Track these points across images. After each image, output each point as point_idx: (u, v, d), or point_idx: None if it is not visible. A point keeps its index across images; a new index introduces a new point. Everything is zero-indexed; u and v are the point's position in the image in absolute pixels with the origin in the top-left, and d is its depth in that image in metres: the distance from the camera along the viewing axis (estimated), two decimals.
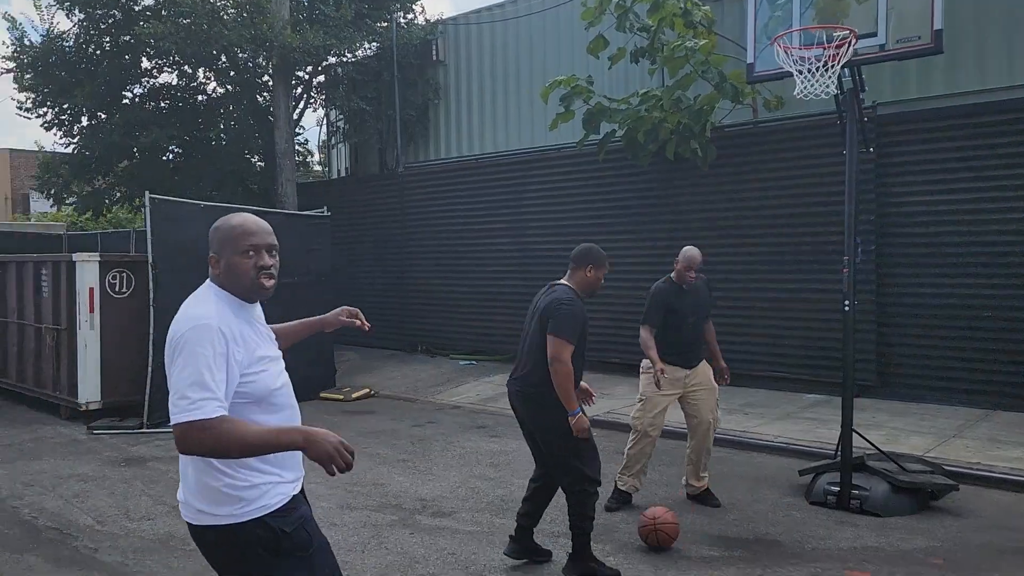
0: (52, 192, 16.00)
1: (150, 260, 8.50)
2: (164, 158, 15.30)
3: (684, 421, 5.71)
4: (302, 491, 2.47)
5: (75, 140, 15.05)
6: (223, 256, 2.36)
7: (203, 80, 15.42)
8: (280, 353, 2.50)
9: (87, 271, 8.72)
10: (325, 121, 16.42)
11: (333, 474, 2.15)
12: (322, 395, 10.21)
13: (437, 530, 5.15)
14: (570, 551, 4.35)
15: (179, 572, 4.50)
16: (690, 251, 5.54)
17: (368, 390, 10.49)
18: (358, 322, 2.86)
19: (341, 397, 10.13)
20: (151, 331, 8.45)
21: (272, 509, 2.26)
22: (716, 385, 5.66)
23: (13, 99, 14.92)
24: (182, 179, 14.88)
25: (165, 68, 14.94)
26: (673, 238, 9.68)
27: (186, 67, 14.78)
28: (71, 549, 4.87)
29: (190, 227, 8.83)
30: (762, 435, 7.40)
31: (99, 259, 8.89)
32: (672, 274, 5.59)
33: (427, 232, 13.12)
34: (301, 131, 17.52)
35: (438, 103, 14.21)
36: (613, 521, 5.21)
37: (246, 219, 2.40)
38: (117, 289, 8.91)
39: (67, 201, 16.78)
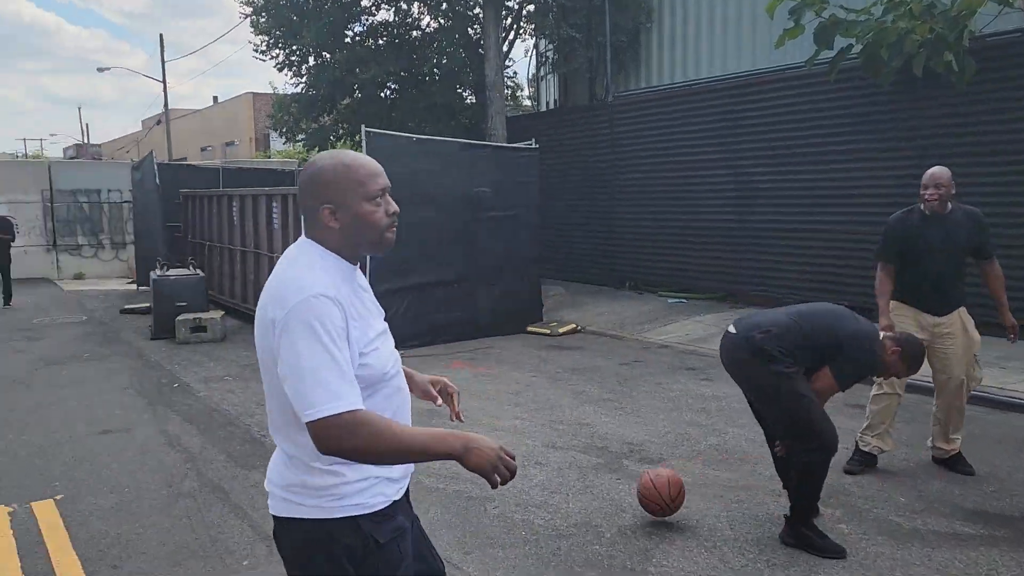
0: (284, 130, 17.12)
1: None
2: (381, 94, 15.81)
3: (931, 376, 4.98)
4: (407, 497, 2.07)
5: (303, 79, 15.93)
6: (345, 206, 1.87)
7: (417, 15, 15.69)
8: (387, 326, 2.06)
9: None
10: (534, 52, 16.19)
11: (495, 486, 1.80)
12: (529, 329, 10.20)
13: None
14: (787, 513, 3.91)
15: None
16: (932, 169, 4.74)
17: (575, 325, 10.35)
18: (439, 401, 2.30)
19: (548, 332, 10.07)
20: (368, 260, 8.75)
21: (369, 510, 1.89)
22: (977, 337, 4.85)
23: (250, 42, 15.89)
24: (399, 115, 15.32)
25: (383, 5, 15.33)
26: (919, 167, 8.48)
27: (402, 3, 15.06)
28: None
29: (403, 160, 9.02)
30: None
31: None
32: (920, 204, 4.81)
33: (637, 164, 12.60)
34: (511, 63, 17.45)
35: (650, 27, 13.49)
36: (845, 483, 4.67)
37: (362, 157, 1.93)
38: None
39: (297, 138, 17.90)
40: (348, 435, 1.72)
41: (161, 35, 53.11)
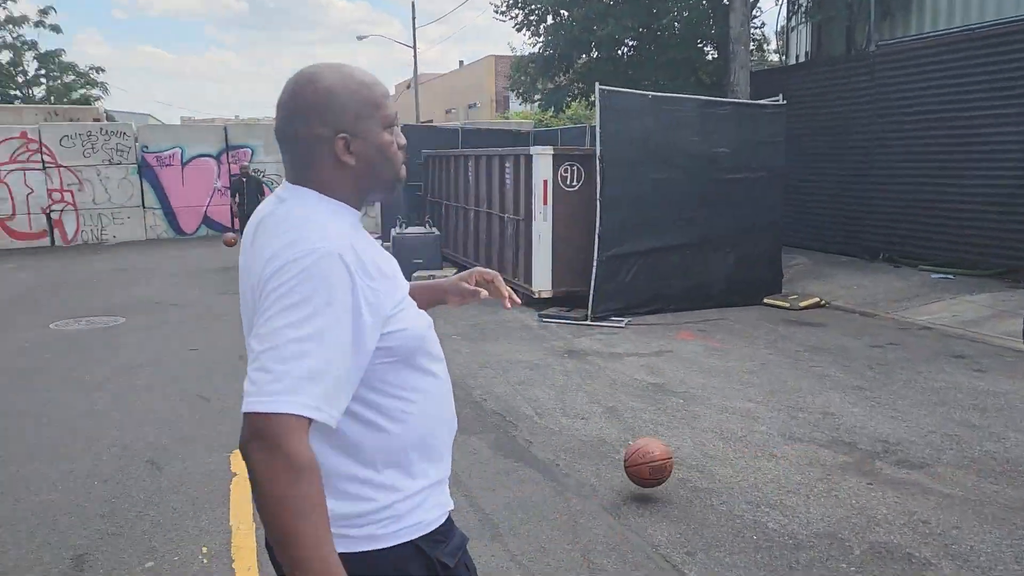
0: (521, 91, 17.23)
1: (598, 152, 8.45)
2: (618, 52, 15.36)
3: None
4: None
5: (540, 39, 15.87)
6: (363, 135, 1.44)
7: None
8: (408, 286, 1.60)
9: (541, 164, 9.02)
10: (785, 0, 14.93)
11: None
12: (766, 300, 9.45)
13: (903, 485, 4.20)
14: None
15: (606, 482, 4.29)
16: None
17: (818, 299, 9.44)
18: (484, 292, 1.89)
19: (787, 305, 9.27)
20: (597, 224, 8.49)
21: (428, 528, 1.49)
22: None
23: (491, 3, 16.07)
24: (635, 72, 14.82)
25: None
26: None
27: None
28: (510, 438, 4.99)
29: (638, 119, 8.62)
30: None
31: (552, 152, 9.15)
32: None
33: (900, 121, 11.18)
34: (757, 14, 16.27)
35: None
36: None
37: (370, 73, 1.49)
38: (568, 182, 9.09)
39: (534, 99, 17.95)
40: (264, 455, 1.21)
41: (413, 3, 55.85)
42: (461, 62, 50.11)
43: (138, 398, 5.97)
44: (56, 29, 28.28)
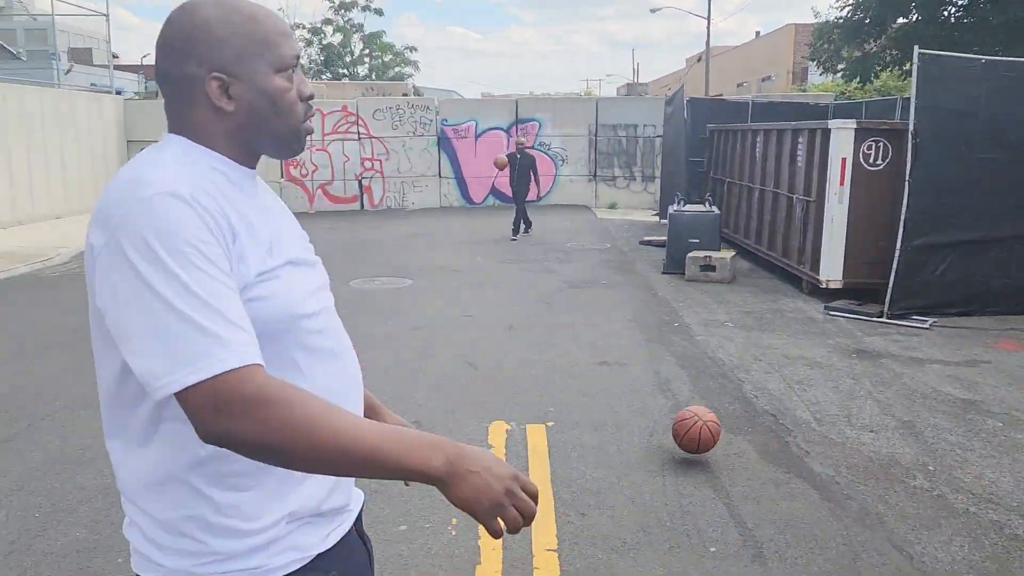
0: (822, 59, 15.90)
1: (911, 127, 7.40)
2: (943, 13, 13.54)
3: None
4: (359, 521, 1.38)
5: (850, 2, 14.46)
6: (246, 76, 1.18)
7: None
8: (318, 259, 1.34)
9: (841, 140, 8.13)
10: None
11: (498, 535, 1.10)
12: None
13: None
14: None
15: (896, 511, 3.67)
16: None
17: None
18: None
19: None
20: (903, 209, 7.47)
21: (305, 560, 1.20)
22: None
23: None
24: (962, 36, 12.95)
25: None
26: None
27: None
28: (782, 444, 4.47)
29: (964, 88, 7.45)
30: None
31: (854, 126, 8.21)
32: None
33: None
34: None
35: None
36: None
37: (265, 9, 1.23)
38: (871, 161, 8.11)
39: (836, 69, 16.49)
40: (231, 414, 1.00)
41: None
42: (757, 32, 47.74)
43: (413, 360, 6.26)
44: (379, 12, 31.14)
